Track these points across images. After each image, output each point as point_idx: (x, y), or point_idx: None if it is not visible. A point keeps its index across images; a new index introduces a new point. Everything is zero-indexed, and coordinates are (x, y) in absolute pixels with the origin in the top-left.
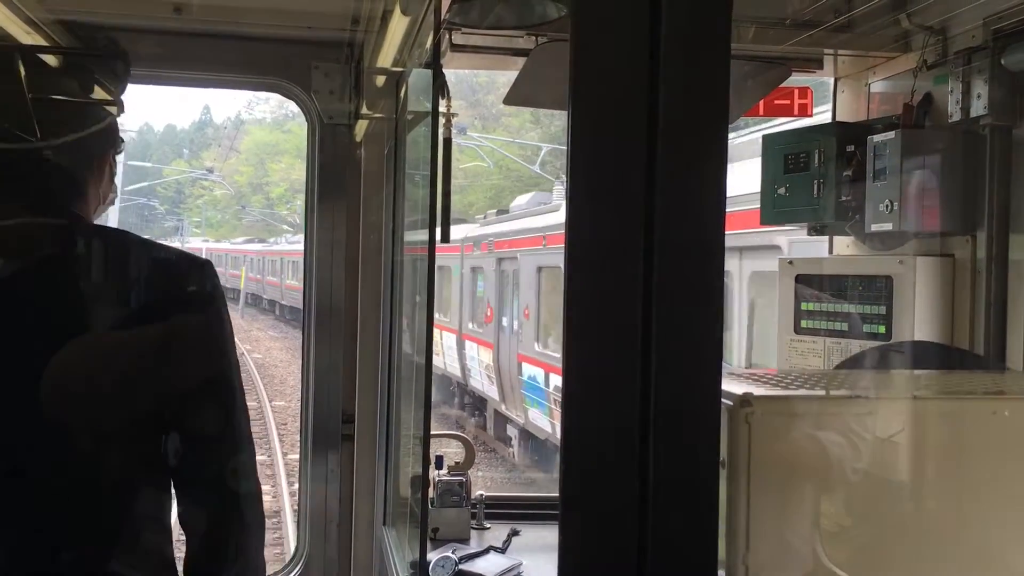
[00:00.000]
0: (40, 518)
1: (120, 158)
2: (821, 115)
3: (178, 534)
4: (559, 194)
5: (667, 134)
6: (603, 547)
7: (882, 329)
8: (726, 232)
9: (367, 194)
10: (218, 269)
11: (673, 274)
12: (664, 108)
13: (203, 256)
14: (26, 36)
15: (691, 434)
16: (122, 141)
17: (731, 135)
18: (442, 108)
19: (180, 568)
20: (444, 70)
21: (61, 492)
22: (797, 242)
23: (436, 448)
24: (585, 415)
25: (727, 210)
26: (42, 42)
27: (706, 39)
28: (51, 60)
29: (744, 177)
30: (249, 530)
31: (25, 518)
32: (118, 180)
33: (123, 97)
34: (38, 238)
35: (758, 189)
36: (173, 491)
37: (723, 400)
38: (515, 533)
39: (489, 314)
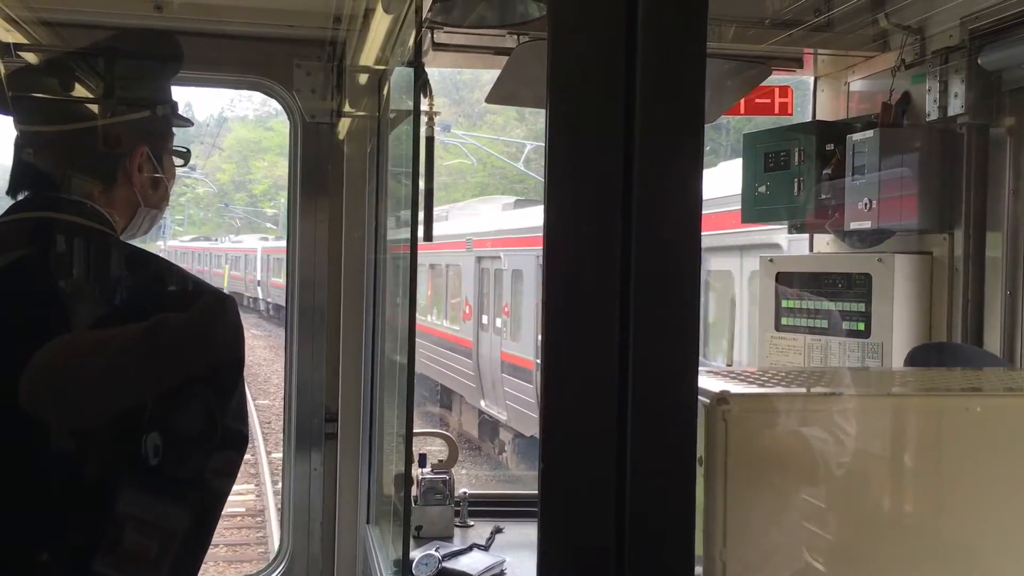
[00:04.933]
0: (21, 516)
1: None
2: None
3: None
4: None
5: (644, 132)
6: (582, 544)
7: (861, 326)
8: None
9: (350, 192)
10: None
11: (650, 272)
12: (641, 107)
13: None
14: (6, 34)
15: (668, 432)
16: (170, 146)
17: None
18: (424, 106)
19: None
20: (426, 68)
21: (43, 490)
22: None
23: (419, 446)
24: (563, 413)
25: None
26: (23, 40)
27: (682, 38)
28: (32, 58)
29: None
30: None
31: (6, 516)
32: None
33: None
34: (19, 233)
35: None
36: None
37: (700, 398)
38: (498, 530)
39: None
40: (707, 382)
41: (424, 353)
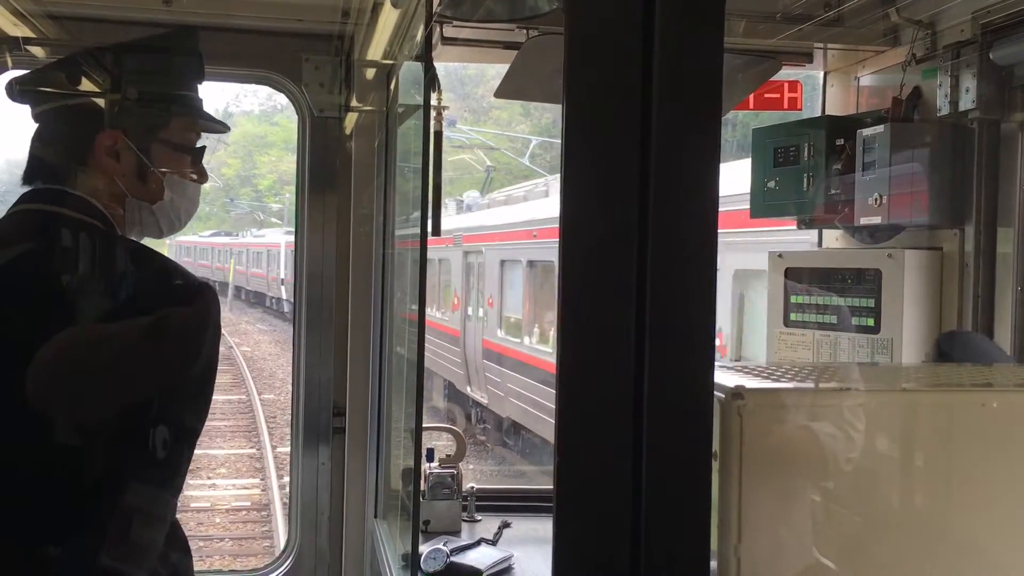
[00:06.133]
0: (29, 510)
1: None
2: None
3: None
4: None
5: (661, 127)
6: (597, 538)
7: (871, 322)
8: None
9: (358, 187)
10: None
11: (666, 267)
12: (658, 101)
13: None
14: (14, 29)
15: (684, 426)
16: (165, 137)
17: None
18: (433, 101)
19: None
20: (434, 63)
21: (51, 484)
22: None
23: (427, 441)
24: (579, 409)
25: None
26: (30, 35)
27: (699, 32)
28: (39, 52)
29: None
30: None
31: (11, 511)
32: None
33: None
34: (21, 226)
35: None
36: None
37: (715, 393)
38: (506, 525)
39: None
40: (721, 377)
41: (520, 393)
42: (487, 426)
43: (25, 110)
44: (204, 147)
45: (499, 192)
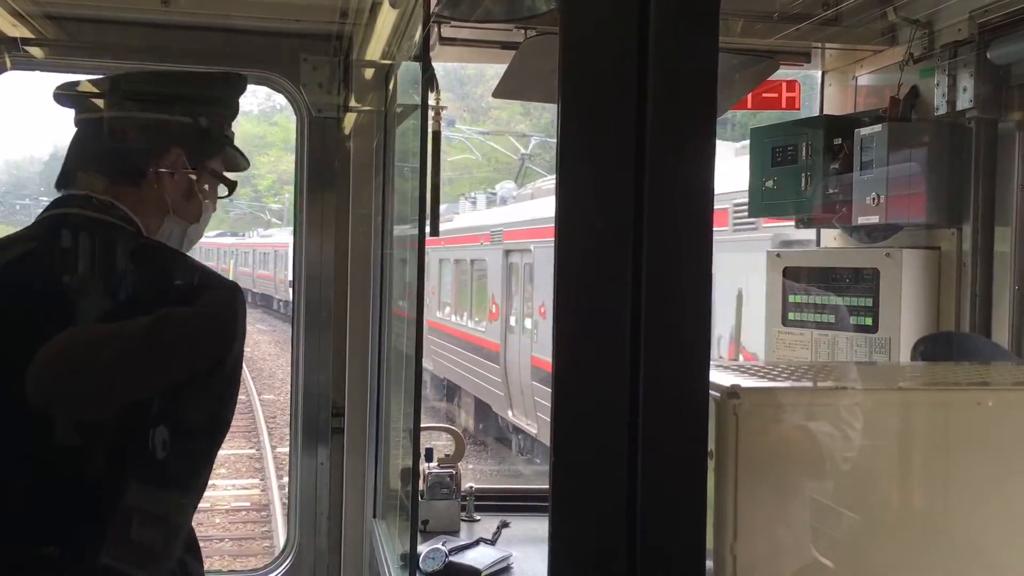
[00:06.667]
0: (27, 511)
1: None
2: None
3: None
4: None
5: (656, 126)
6: (593, 537)
7: (869, 321)
8: None
9: (356, 187)
10: None
11: (662, 266)
12: (653, 101)
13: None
14: (13, 29)
15: (680, 426)
16: (211, 165)
17: None
18: (431, 101)
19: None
20: (432, 63)
21: (52, 484)
22: None
23: (426, 440)
24: (575, 408)
25: None
26: (29, 35)
27: (695, 32)
28: (38, 52)
29: None
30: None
31: (12, 510)
32: None
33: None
34: (39, 229)
35: None
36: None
37: (711, 392)
38: (505, 525)
39: None
40: (717, 376)
41: None
42: (535, 460)
43: (27, 115)
44: (236, 182)
45: (546, 180)
